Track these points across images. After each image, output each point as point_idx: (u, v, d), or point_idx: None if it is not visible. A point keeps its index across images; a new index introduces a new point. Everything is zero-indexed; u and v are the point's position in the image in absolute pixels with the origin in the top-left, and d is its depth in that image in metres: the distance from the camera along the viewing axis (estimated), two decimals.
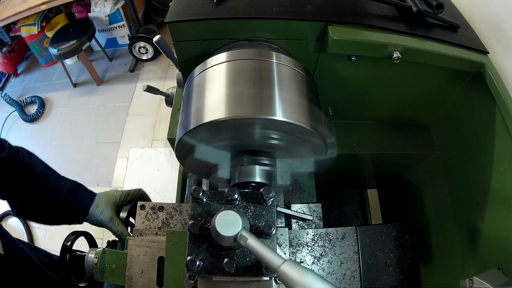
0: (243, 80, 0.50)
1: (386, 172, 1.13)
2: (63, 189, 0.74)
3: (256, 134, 0.50)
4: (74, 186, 0.77)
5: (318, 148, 0.54)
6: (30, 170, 0.71)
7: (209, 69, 0.54)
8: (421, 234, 0.96)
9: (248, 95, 0.48)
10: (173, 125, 0.98)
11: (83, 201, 0.77)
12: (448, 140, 0.88)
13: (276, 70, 0.52)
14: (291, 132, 0.49)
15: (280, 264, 0.39)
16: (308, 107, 0.51)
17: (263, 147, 0.55)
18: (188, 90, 0.56)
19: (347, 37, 0.62)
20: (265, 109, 0.46)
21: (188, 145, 0.52)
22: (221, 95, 0.49)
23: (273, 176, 0.58)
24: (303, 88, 0.53)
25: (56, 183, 0.75)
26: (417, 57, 0.66)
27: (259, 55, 0.54)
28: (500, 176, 0.68)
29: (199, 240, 0.49)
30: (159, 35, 0.71)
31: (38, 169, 0.72)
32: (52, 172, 0.76)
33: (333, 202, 1.40)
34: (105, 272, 0.67)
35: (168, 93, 1.07)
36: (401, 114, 0.91)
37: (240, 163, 0.55)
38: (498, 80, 0.67)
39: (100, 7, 2.62)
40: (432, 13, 0.71)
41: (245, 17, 0.63)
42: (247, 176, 0.54)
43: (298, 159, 0.58)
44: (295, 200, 0.83)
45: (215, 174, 0.59)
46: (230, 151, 0.55)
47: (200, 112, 0.49)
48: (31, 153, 0.76)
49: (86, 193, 0.79)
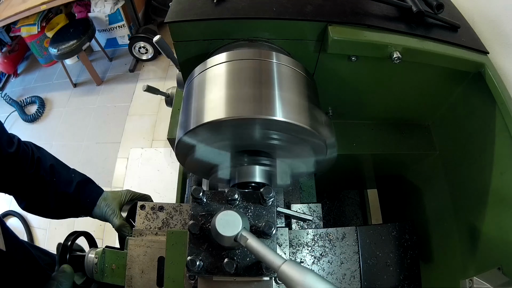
0: (243, 80, 0.50)
1: (386, 172, 1.13)
2: (73, 181, 0.75)
3: (256, 134, 0.50)
4: (84, 180, 0.78)
5: (318, 148, 0.54)
6: (40, 163, 0.72)
7: (209, 69, 0.54)
8: (421, 234, 0.96)
9: (248, 95, 0.48)
10: (173, 125, 0.98)
11: (92, 194, 0.78)
12: (448, 140, 0.88)
13: (276, 70, 0.52)
14: (291, 132, 0.49)
15: (280, 264, 0.39)
16: (308, 107, 0.51)
17: (263, 147, 0.55)
18: (188, 90, 0.56)
19: (347, 37, 0.62)
20: (265, 109, 0.46)
21: (188, 145, 0.52)
22: (221, 95, 0.49)
23: (273, 176, 0.58)
24: (303, 88, 0.53)
25: (66, 176, 0.76)
26: (417, 57, 0.67)
27: (259, 55, 0.54)
28: (500, 176, 0.68)
29: (199, 240, 0.49)
30: (159, 35, 0.71)
31: (48, 163, 0.73)
32: (62, 165, 0.78)
33: (333, 202, 1.40)
34: (105, 272, 0.66)
35: (168, 93, 1.08)
36: (401, 114, 0.92)
37: (240, 163, 0.55)
38: (498, 80, 0.67)
39: (100, 7, 2.62)
40: (432, 13, 0.71)
41: (245, 17, 0.63)
42: (247, 176, 0.54)
43: (298, 159, 0.58)
44: (295, 200, 0.83)
45: (215, 175, 0.59)
46: (230, 151, 0.55)
47: (200, 112, 0.49)
48: (40, 147, 0.77)
49: (95, 187, 0.80)
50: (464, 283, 0.65)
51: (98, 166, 2.34)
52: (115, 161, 2.34)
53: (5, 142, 0.66)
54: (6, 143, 0.66)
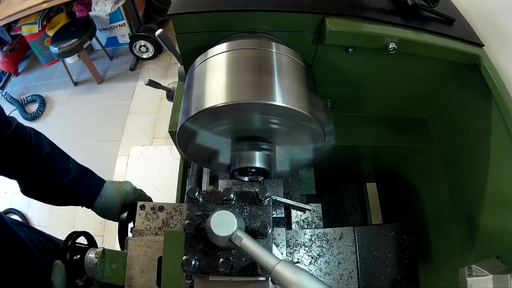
0: (243, 68, 0.51)
1: (384, 165, 1.14)
2: (70, 172, 0.74)
3: (255, 120, 0.51)
4: (82, 172, 0.77)
5: (316, 134, 0.55)
6: (36, 151, 0.70)
7: (210, 58, 0.56)
8: (420, 229, 0.97)
9: (248, 82, 0.49)
10: (174, 119, 0.99)
11: (92, 188, 0.77)
12: (445, 133, 0.89)
13: (276, 59, 0.54)
14: (289, 118, 0.50)
15: (274, 264, 0.39)
16: (306, 93, 0.52)
17: (263, 132, 0.56)
18: (189, 79, 0.57)
19: (344, 28, 0.64)
20: (265, 94, 0.47)
21: (189, 131, 0.53)
22: (221, 82, 0.50)
23: (273, 161, 0.59)
24: (302, 77, 0.55)
25: (63, 165, 0.74)
26: (413, 48, 0.68)
27: (259, 45, 0.55)
28: (497, 166, 0.69)
29: (195, 240, 0.49)
30: (162, 29, 0.72)
31: (45, 150, 0.71)
32: (60, 153, 0.76)
33: (333, 196, 1.41)
34: (105, 272, 0.67)
35: (169, 87, 1.09)
36: (399, 107, 0.93)
37: (240, 148, 0.56)
38: (493, 72, 0.68)
39: (101, 6, 2.64)
40: (427, 6, 0.72)
41: (245, 9, 0.64)
42: (247, 161, 0.55)
43: (297, 145, 0.59)
44: (295, 192, 0.84)
45: (216, 161, 0.60)
46: (231, 137, 0.56)
47: (201, 98, 0.50)
48: (40, 133, 0.75)
49: (96, 179, 0.79)
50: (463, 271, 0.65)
51: (99, 164, 2.35)
52: (116, 159, 2.34)
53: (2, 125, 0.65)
54: (2, 126, 0.65)
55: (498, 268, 0.61)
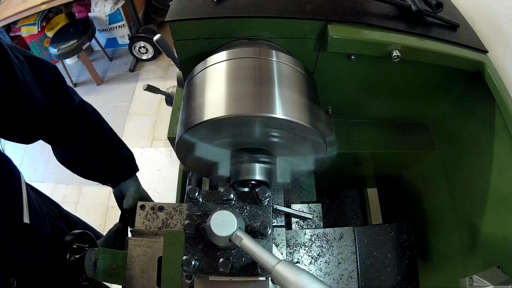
0: (243, 78, 0.50)
1: (386, 171, 1.14)
2: (121, 153, 0.83)
3: (256, 132, 0.50)
4: (128, 155, 0.86)
5: (318, 146, 0.54)
6: (97, 132, 0.78)
7: (210, 67, 0.55)
8: (421, 233, 0.96)
9: (248, 93, 0.48)
10: (174, 124, 0.98)
11: (132, 169, 0.86)
12: (447, 139, 0.88)
13: (276, 68, 0.53)
14: (291, 130, 0.49)
15: (274, 264, 0.39)
16: (308, 105, 0.51)
17: (263, 145, 0.55)
18: (188, 89, 0.56)
19: (346, 35, 0.63)
20: (265, 106, 0.46)
21: (188, 143, 0.52)
22: (221, 93, 0.49)
23: (273, 174, 0.58)
24: (303, 86, 0.53)
25: (116, 147, 0.83)
26: (417, 56, 0.67)
27: (259, 53, 0.54)
28: (499, 174, 0.68)
29: (195, 240, 0.48)
30: (160, 34, 0.71)
31: (103, 133, 0.80)
32: (114, 134, 0.85)
33: (333, 201, 1.40)
34: (105, 272, 0.66)
35: (168, 92, 1.08)
36: (401, 113, 0.92)
37: (240, 161, 0.55)
38: (497, 79, 0.67)
39: (100, 7, 2.63)
40: (431, 12, 0.71)
41: (245, 16, 0.63)
42: (246, 174, 0.54)
43: (298, 157, 0.58)
44: (295, 199, 0.83)
45: (215, 173, 0.59)
46: (230, 149, 0.55)
47: (201, 110, 0.49)
48: (98, 113, 0.83)
49: (134, 166, 0.88)
50: (464, 282, 0.65)
51: None
52: None
53: (68, 98, 0.71)
54: (69, 99, 0.71)
55: (499, 279, 0.61)
